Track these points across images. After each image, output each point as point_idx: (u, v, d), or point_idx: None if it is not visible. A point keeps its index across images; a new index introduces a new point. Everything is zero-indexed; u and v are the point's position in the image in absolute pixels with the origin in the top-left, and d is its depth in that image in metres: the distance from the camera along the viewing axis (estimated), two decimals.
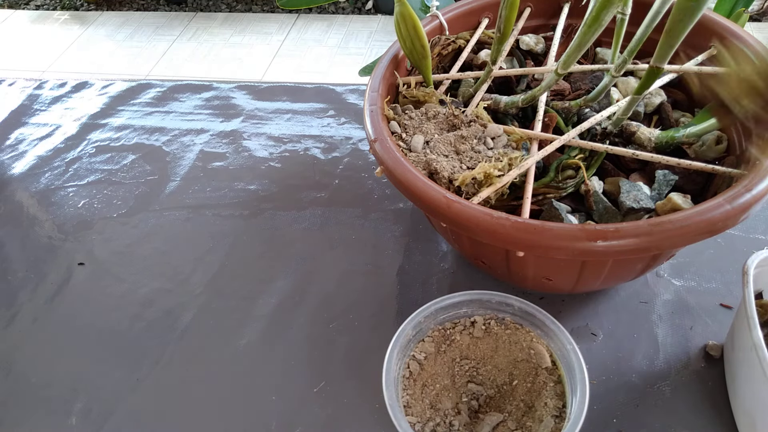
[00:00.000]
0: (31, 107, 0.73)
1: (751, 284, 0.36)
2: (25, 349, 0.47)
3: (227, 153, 0.64)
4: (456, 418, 0.37)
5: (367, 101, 0.42)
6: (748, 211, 0.32)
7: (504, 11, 0.40)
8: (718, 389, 0.40)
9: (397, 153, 0.38)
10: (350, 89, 0.71)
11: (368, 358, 0.44)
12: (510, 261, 0.39)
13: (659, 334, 0.44)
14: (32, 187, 0.62)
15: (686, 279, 0.47)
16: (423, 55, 0.43)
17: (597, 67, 0.45)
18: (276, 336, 0.46)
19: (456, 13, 0.50)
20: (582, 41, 0.37)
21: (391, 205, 0.56)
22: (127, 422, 0.42)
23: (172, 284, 0.51)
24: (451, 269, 0.50)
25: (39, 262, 0.54)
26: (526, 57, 0.50)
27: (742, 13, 0.62)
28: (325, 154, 0.63)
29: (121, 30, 2.38)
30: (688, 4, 0.33)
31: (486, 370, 0.40)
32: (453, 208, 0.34)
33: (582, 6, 0.51)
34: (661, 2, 0.35)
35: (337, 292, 0.49)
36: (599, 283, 0.43)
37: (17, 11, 2.59)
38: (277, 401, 0.42)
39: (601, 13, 0.35)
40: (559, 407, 0.37)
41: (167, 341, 0.47)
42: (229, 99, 0.71)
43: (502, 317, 0.41)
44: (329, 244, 0.53)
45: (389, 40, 2.04)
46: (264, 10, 2.45)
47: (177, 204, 0.58)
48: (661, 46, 0.37)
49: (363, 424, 0.41)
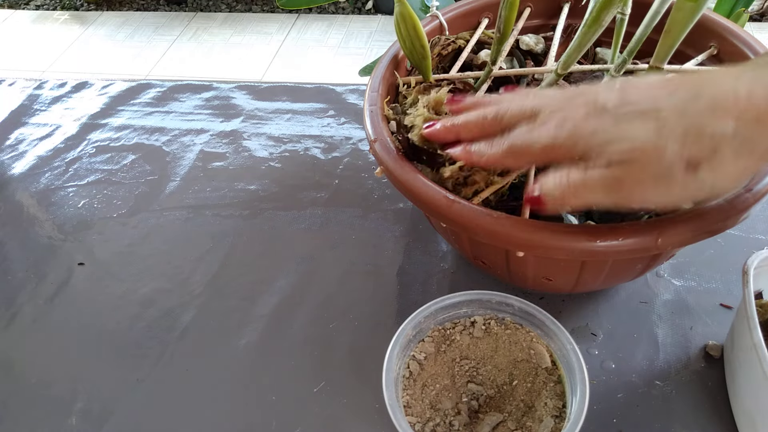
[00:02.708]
0: (31, 107, 0.73)
1: (751, 284, 0.36)
2: (25, 349, 0.47)
3: (227, 153, 0.64)
4: (456, 418, 0.37)
5: (367, 101, 0.42)
6: (748, 211, 0.32)
7: (504, 11, 0.40)
8: (718, 389, 0.40)
9: (397, 153, 0.38)
10: (350, 89, 0.71)
11: (368, 358, 0.44)
12: (510, 261, 0.39)
13: (659, 334, 0.44)
14: (32, 187, 0.62)
15: (686, 279, 0.47)
16: (423, 55, 0.43)
17: (597, 67, 0.45)
18: (276, 336, 0.46)
19: (456, 13, 0.50)
20: (582, 41, 0.37)
21: (391, 205, 0.56)
22: (127, 422, 0.42)
23: (172, 284, 0.51)
24: (451, 269, 0.50)
25: (39, 262, 0.54)
26: (526, 57, 0.50)
27: (742, 13, 0.62)
28: (325, 154, 0.63)
29: (121, 30, 2.38)
30: (687, 4, 0.33)
31: (486, 370, 0.40)
32: (453, 208, 0.34)
33: (582, 6, 0.51)
34: (660, 2, 0.35)
35: (337, 292, 0.49)
36: (599, 283, 0.43)
37: (17, 11, 2.59)
38: (277, 401, 0.42)
39: (601, 14, 0.35)
40: (559, 407, 0.37)
41: (167, 341, 0.47)
42: (229, 99, 0.71)
43: (502, 317, 0.42)
44: (329, 244, 0.53)
45: (389, 40, 2.04)
46: (264, 10, 2.45)
47: (177, 204, 0.58)
48: (660, 46, 0.37)
49: (363, 424, 0.41)
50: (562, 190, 0.29)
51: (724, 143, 0.25)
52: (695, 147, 0.26)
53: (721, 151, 0.26)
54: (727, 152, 0.26)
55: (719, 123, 0.25)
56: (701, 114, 0.26)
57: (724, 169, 0.26)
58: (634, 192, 0.27)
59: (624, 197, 0.28)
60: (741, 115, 0.25)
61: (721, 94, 0.26)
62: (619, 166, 0.27)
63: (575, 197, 0.29)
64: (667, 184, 0.27)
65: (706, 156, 0.26)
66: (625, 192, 0.28)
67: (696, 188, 0.27)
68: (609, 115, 0.28)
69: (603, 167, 0.28)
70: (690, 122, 0.26)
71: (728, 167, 0.26)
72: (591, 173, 0.28)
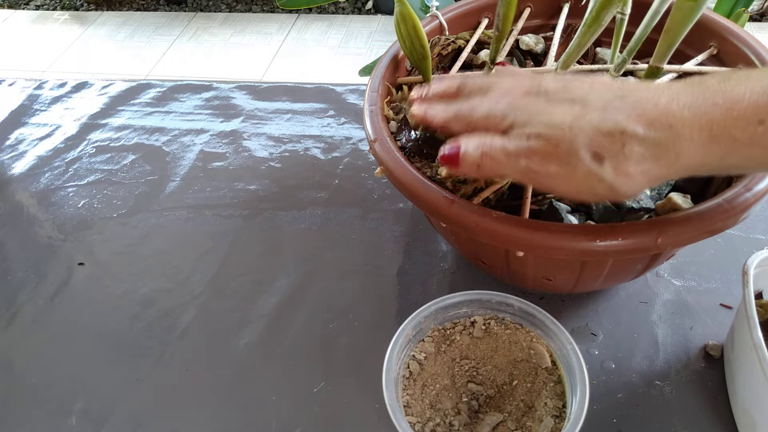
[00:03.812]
0: (31, 107, 0.73)
1: (751, 284, 0.36)
2: (25, 349, 0.47)
3: (227, 153, 0.64)
4: (456, 418, 0.37)
5: (367, 101, 0.42)
6: (748, 211, 0.32)
7: (502, 9, 0.40)
8: (718, 389, 0.40)
9: (397, 153, 0.38)
10: (350, 89, 0.71)
11: (368, 358, 0.44)
12: (510, 261, 0.39)
13: (659, 334, 0.44)
14: (32, 187, 0.62)
15: (686, 279, 0.47)
16: (423, 55, 0.43)
17: (597, 67, 0.45)
18: (276, 336, 0.46)
19: (456, 13, 0.50)
20: (582, 41, 0.37)
21: (391, 205, 0.56)
22: (127, 422, 0.42)
23: (172, 284, 0.51)
24: (451, 269, 0.50)
25: (39, 262, 0.54)
26: (526, 57, 0.50)
27: (742, 13, 0.62)
28: (325, 154, 0.63)
29: (121, 30, 2.38)
30: (687, 4, 0.33)
31: (486, 370, 0.40)
32: (453, 208, 0.34)
33: (582, 6, 0.51)
34: (660, 2, 0.35)
35: (337, 292, 0.49)
36: (599, 283, 0.43)
37: (17, 11, 2.59)
38: (277, 401, 0.42)
39: (600, 14, 0.35)
40: (559, 407, 0.37)
41: (167, 341, 0.47)
42: (229, 99, 0.71)
43: (502, 317, 0.42)
44: (329, 244, 0.53)
45: (389, 40, 2.04)
46: (264, 10, 2.45)
47: (177, 204, 0.58)
48: (660, 46, 0.37)
49: (363, 424, 0.41)
50: (482, 151, 0.30)
51: (632, 143, 0.27)
52: (605, 140, 0.27)
53: (627, 150, 0.27)
54: (632, 153, 0.27)
55: (632, 123, 0.27)
56: (619, 110, 0.27)
57: (626, 169, 0.27)
58: (541, 168, 0.29)
59: (531, 172, 0.29)
60: (655, 119, 0.27)
61: (644, 98, 0.27)
62: (535, 140, 0.28)
63: (492, 162, 0.30)
64: (572, 168, 0.28)
65: (613, 151, 0.27)
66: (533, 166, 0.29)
67: (597, 180, 0.28)
68: (543, 98, 0.30)
69: (521, 139, 0.29)
70: (607, 116, 0.27)
71: (630, 167, 0.27)
72: (511, 141, 0.29)
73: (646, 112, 0.27)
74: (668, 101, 0.27)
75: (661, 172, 0.27)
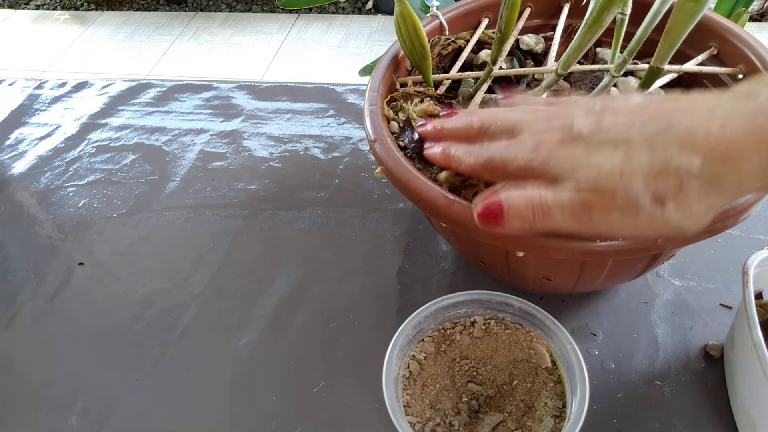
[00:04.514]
0: (31, 107, 0.73)
1: (751, 284, 0.36)
2: (25, 349, 0.47)
3: (227, 153, 0.64)
4: (456, 418, 0.37)
5: (367, 101, 0.42)
6: (748, 211, 0.32)
7: (505, 12, 0.40)
8: (718, 389, 0.40)
9: (397, 153, 0.38)
10: (350, 89, 0.71)
11: (368, 358, 0.44)
12: (510, 261, 0.39)
13: (659, 334, 0.44)
14: (32, 187, 0.62)
15: (686, 279, 0.47)
16: (423, 55, 0.43)
17: (597, 67, 0.45)
18: (276, 336, 0.46)
19: (456, 13, 0.50)
20: (582, 41, 0.37)
21: (391, 205, 0.56)
22: (127, 422, 0.42)
23: (172, 284, 0.51)
24: (451, 269, 0.50)
25: (39, 262, 0.54)
26: (526, 57, 0.50)
27: (742, 13, 0.62)
28: (325, 154, 0.63)
29: (121, 30, 2.38)
30: (688, 4, 0.33)
31: (486, 370, 0.40)
32: (453, 208, 0.34)
33: (582, 6, 0.51)
34: (661, 2, 0.35)
35: (337, 292, 0.49)
36: (599, 283, 0.43)
37: (17, 11, 2.59)
38: (277, 401, 0.42)
39: (601, 14, 0.35)
40: (559, 407, 0.37)
41: (167, 341, 0.47)
42: (229, 99, 0.71)
43: (502, 317, 0.42)
44: (329, 244, 0.53)
45: (389, 40, 2.04)
46: (264, 10, 2.45)
47: (177, 204, 0.58)
48: (661, 47, 0.37)
49: (363, 424, 0.41)
50: (531, 206, 0.28)
51: (690, 180, 0.25)
52: (660, 182, 0.25)
53: (687, 187, 0.25)
54: (692, 189, 0.25)
55: (685, 158, 0.25)
56: (669, 147, 0.25)
57: (690, 207, 0.25)
58: (602, 220, 0.27)
59: (591, 224, 0.27)
60: (709, 151, 0.25)
61: (693, 127, 0.25)
62: (589, 192, 0.27)
63: (544, 218, 0.28)
64: (634, 215, 0.26)
65: (671, 192, 0.25)
66: (593, 219, 0.27)
67: (663, 223, 0.26)
68: (582, 142, 0.28)
69: (573, 192, 0.27)
70: (657, 156, 0.26)
71: (694, 205, 0.25)
72: (561, 195, 0.28)
73: (698, 145, 0.25)
74: (720, 128, 0.24)
75: (725, 201, 0.26)
